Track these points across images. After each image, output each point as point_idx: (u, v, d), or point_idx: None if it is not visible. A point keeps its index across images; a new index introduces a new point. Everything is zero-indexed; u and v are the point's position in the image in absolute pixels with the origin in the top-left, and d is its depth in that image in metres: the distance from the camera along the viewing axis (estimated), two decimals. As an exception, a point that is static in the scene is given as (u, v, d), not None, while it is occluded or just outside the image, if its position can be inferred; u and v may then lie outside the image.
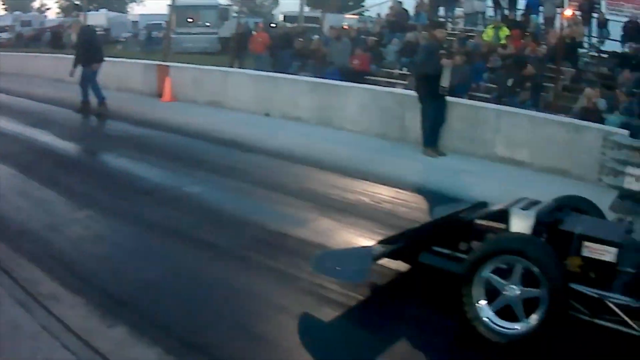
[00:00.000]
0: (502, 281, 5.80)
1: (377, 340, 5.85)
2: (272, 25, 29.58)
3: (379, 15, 29.77)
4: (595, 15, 25.21)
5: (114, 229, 8.48)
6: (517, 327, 5.69)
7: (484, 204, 7.58)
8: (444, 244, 6.76)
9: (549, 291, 5.47)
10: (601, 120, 14.87)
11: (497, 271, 5.83)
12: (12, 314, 5.78)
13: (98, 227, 8.44)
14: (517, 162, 13.26)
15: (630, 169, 9.27)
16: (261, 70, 20.36)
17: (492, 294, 5.84)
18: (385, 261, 6.92)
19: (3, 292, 6.20)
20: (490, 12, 27.63)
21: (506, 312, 5.76)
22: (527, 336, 5.59)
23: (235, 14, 38.05)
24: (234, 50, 24.95)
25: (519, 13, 25.96)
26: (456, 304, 5.85)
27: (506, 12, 26.44)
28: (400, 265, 7.06)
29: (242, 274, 7.04)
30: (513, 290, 5.74)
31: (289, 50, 23.49)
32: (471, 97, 17.51)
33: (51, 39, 47.42)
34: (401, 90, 17.19)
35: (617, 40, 23.84)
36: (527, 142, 13.42)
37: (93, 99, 17.44)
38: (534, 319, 5.60)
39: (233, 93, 18.90)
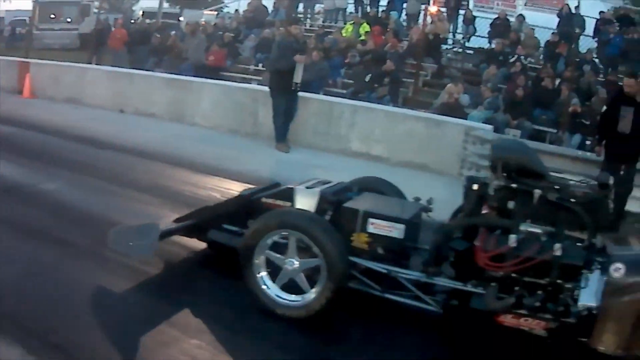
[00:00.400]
0: (280, 256, 6.27)
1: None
2: (132, 21, 29.84)
3: (237, 11, 30.27)
4: (462, 12, 26.34)
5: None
6: (299, 299, 6.19)
7: (277, 184, 8.04)
8: (234, 222, 7.25)
9: (325, 264, 5.94)
10: (464, 116, 15.88)
11: (278, 248, 6.34)
12: None
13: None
14: (373, 157, 13.99)
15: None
16: (119, 67, 20.70)
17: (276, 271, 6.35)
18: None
19: None
20: (351, 8, 28.62)
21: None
22: (308, 308, 6.09)
23: (96, 10, 38.08)
24: (93, 46, 25.43)
25: (381, 10, 26.97)
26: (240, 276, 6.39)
27: (367, 8, 27.34)
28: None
29: (96, 271, 7.08)
30: (292, 263, 6.22)
31: (146, 47, 24.01)
32: (327, 93, 18.27)
33: None
34: (255, 85, 18.07)
35: (484, 37, 24.96)
36: (383, 137, 14.17)
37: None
38: (313, 292, 6.09)
39: (90, 90, 19.06)
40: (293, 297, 6.24)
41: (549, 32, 23.46)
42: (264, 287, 6.33)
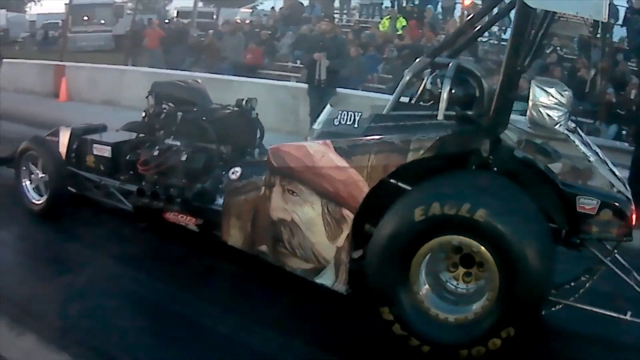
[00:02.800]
0: (35, 170, 8.47)
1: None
2: (166, 21, 29.50)
3: (272, 8, 29.85)
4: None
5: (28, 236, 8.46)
6: (42, 199, 8.45)
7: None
8: None
9: (48, 176, 8.22)
10: None
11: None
12: None
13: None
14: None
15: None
16: (155, 67, 20.30)
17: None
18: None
19: None
20: (387, 3, 27.88)
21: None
22: (45, 206, 8.35)
23: (129, 11, 37.84)
24: (128, 47, 25.05)
25: (416, 3, 26.20)
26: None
27: (403, 3, 26.80)
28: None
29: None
30: (38, 174, 8.47)
31: (182, 46, 23.53)
32: (366, 89, 17.69)
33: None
34: (295, 83, 17.55)
35: None
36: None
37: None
38: (45, 198, 8.43)
39: (128, 92, 18.54)
40: (38, 197, 8.53)
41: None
42: (27, 191, 8.65)
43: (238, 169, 6.69)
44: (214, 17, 31.18)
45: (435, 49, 6.68)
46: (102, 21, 37.98)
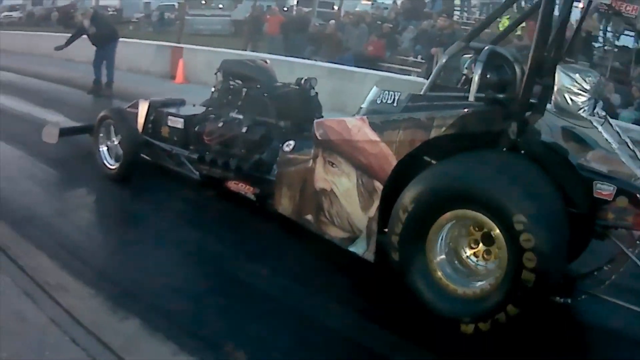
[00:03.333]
0: (107, 137, 9.10)
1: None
2: (285, 9, 29.20)
3: (394, 1, 29.33)
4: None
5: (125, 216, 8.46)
6: (116, 164, 8.96)
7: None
8: None
9: (121, 143, 8.82)
10: (615, 116, 14.45)
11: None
12: (18, 305, 5.45)
13: (109, 214, 8.45)
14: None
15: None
16: (274, 54, 19.78)
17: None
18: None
19: (9, 281, 5.84)
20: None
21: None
22: (118, 171, 8.88)
23: (248, -4, 37.74)
24: (248, 33, 24.68)
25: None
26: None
27: (522, 3, 26.03)
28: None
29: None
30: (113, 142, 9.04)
31: (303, 34, 23.17)
32: None
33: (61, 19, 47.07)
34: (419, 78, 16.77)
35: (630, 36, 23.30)
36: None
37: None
38: (117, 163, 8.92)
39: None
40: (113, 163, 9.04)
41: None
42: (103, 156, 9.14)
43: (292, 142, 7.20)
44: (334, 7, 30.77)
45: (469, 34, 6.70)
46: (221, 5, 37.88)
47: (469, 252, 5.49)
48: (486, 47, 5.96)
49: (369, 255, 6.02)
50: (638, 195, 5.12)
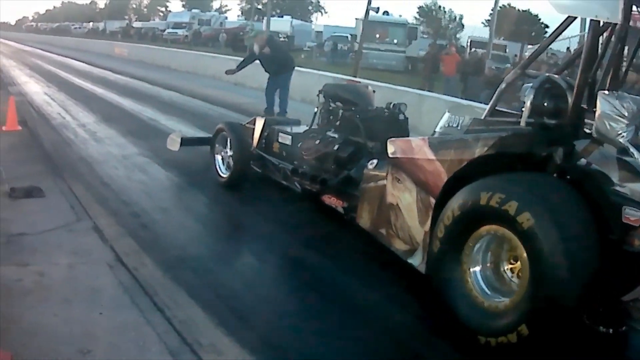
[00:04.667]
0: (225, 149, 9.54)
1: None
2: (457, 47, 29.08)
3: (568, 49, 28.72)
4: None
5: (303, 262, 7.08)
6: (227, 173, 9.47)
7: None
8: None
9: (234, 154, 9.27)
10: None
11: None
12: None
13: (276, 262, 7.25)
14: None
15: None
16: (450, 95, 19.70)
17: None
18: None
19: (153, 335, 5.01)
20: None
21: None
22: (228, 180, 9.38)
23: (423, 35, 37.77)
24: (426, 71, 24.77)
25: None
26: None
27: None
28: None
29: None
30: (227, 152, 9.47)
31: (478, 77, 23.03)
32: None
33: (229, 41, 48.26)
34: None
35: None
36: None
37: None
38: (228, 172, 9.44)
39: (427, 118, 17.85)
40: (225, 171, 9.56)
41: None
42: (217, 165, 9.66)
43: (375, 160, 7.29)
44: (506, 49, 30.51)
45: (525, 62, 7.00)
46: (395, 41, 38.03)
47: (507, 266, 5.53)
48: (540, 75, 6.17)
49: (422, 267, 6.15)
50: None
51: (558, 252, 4.84)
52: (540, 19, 64.99)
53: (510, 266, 5.45)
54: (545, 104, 5.87)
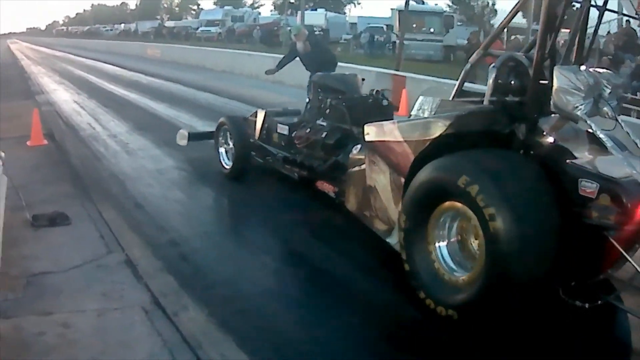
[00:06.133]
0: (225, 141, 10.06)
1: None
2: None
3: (608, 32, 27.84)
4: None
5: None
6: (229, 165, 9.93)
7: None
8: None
9: (234, 146, 9.76)
10: None
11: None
12: None
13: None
14: None
15: None
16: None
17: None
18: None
19: None
20: None
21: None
22: (231, 171, 9.82)
23: (459, 22, 37.04)
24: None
25: None
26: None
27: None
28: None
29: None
30: (229, 144, 9.93)
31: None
32: None
33: (264, 37, 47.75)
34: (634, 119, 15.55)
35: None
36: None
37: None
38: (231, 163, 9.92)
39: None
40: (228, 162, 9.98)
41: None
42: (221, 158, 10.11)
43: (359, 146, 7.50)
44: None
45: (486, 42, 6.97)
46: (432, 30, 37.29)
47: (474, 241, 5.59)
48: (502, 54, 6.42)
49: (398, 245, 6.23)
50: (619, 192, 5.08)
51: (510, 229, 4.94)
52: (573, 3, 64.23)
53: (477, 241, 5.51)
54: (509, 82, 6.13)
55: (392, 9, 42.47)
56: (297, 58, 13.54)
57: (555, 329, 5.26)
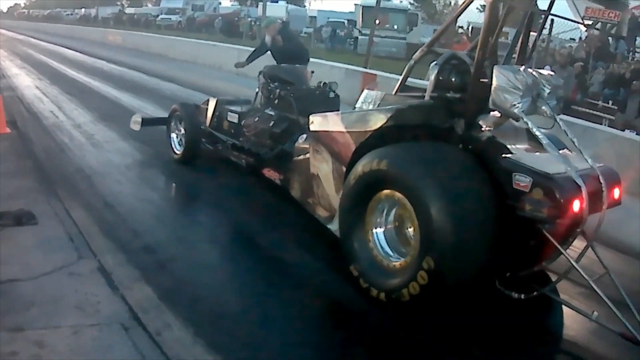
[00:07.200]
0: (176, 127, 10.34)
1: None
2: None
3: (581, 39, 27.89)
4: None
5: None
6: (180, 151, 10.20)
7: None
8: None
9: (185, 133, 10.05)
10: None
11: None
12: None
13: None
14: None
15: None
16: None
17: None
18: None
19: None
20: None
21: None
22: (182, 156, 10.11)
23: (422, 20, 36.97)
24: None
25: None
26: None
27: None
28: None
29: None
30: (181, 130, 10.20)
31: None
32: None
33: (224, 27, 47.43)
34: (606, 127, 15.12)
35: None
36: None
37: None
38: (181, 149, 10.19)
39: None
40: (179, 148, 10.29)
41: None
42: (173, 142, 10.41)
43: (304, 135, 7.84)
44: (508, 37, 29.54)
45: (431, 40, 7.18)
46: (395, 27, 37.22)
47: (410, 228, 5.79)
48: (445, 52, 6.68)
49: (338, 232, 6.49)
50: (551, 186, 5.29)
51: (443, 218, 5.15)
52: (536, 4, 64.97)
53: (411, 229, 5.74)
54: (449, 79, 6.37)
55: (355, 5, 42.51)
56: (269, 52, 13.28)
57: (490, 319, 5.57)
